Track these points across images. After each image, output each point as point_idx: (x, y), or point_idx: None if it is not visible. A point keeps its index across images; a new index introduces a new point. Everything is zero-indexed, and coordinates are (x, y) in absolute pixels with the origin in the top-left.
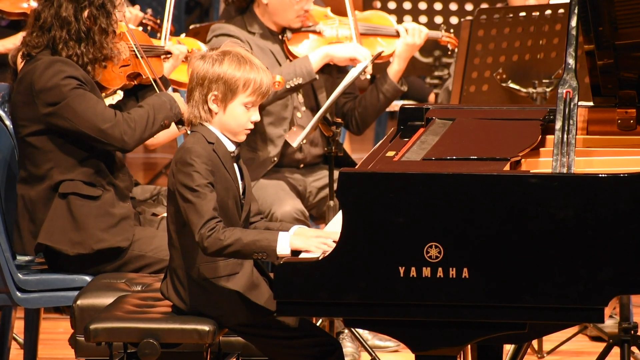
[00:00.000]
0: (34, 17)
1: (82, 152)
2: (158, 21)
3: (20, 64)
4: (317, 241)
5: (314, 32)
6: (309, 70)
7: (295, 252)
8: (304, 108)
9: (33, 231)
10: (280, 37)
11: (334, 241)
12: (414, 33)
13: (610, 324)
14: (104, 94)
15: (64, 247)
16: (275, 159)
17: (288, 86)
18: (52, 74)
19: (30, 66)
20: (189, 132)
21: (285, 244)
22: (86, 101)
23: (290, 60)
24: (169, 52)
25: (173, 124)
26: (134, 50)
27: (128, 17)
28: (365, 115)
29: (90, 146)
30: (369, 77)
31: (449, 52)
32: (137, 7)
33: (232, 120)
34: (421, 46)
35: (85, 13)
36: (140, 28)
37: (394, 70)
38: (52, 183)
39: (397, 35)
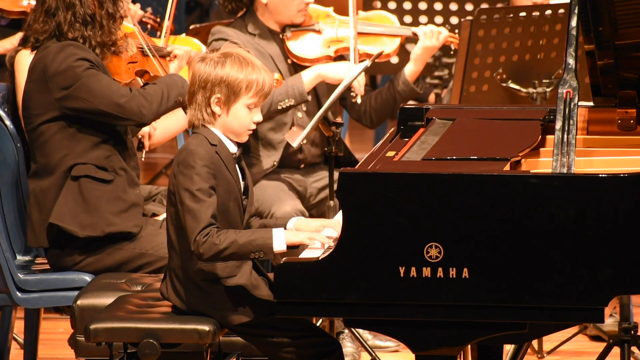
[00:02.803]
0: (40, 3)
1: (95, 137)
2: (158, 19)
3: (30, 54)
4: (310, 234)
5: (314, 30)
6: (300, 92)
7: (292, 247)
8: (305, 108)
9: (44, 222)
10: (280, 36)
11: (329, 238)
12: (432, 35)
13: (610, 322)
14: None
15: (74, 229)
16: (275, 163)
17: (279, 107)
18: (65, 57)
19: (42, 53)
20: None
21: (280, 239)
22: (100, 80)
23: (289, 60)
24: (172, 53)
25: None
26: (142, 48)
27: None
28: (381, 113)
29: (103, 130)
30: (359, 101)
31: (451, 52)
32: (138, 5)
33: (235, 122)
34: (439, 48)
35: None
36: (140, 26)
37: (411, 70)
38: (65, 168)
39: (410, 36)
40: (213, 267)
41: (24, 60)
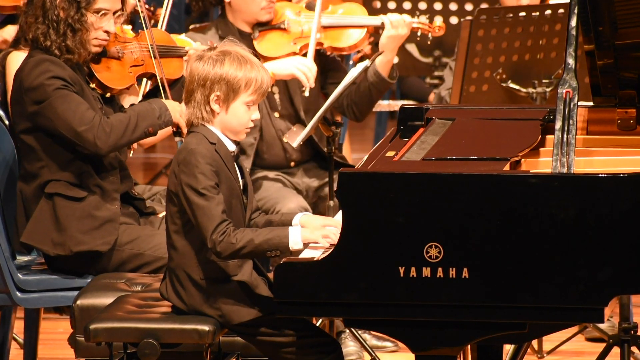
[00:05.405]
0: (33, 4)
1: (69, 153)
2: (152, 9)
3: (24, 52)
4: (324, 232)
5: (280, 29)
6: None
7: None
8: (280, 108)
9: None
10: (251, 37)
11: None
12: (397, 25)
13: (603, 326)
14: (108, 94)
15: (45, 247)
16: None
17: None
18: (39, 73)
19: (23, 63)
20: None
21: (297, 237)
22: (67, 102)
23: (261, 60)
24: (188, 54)
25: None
26: (149, 51)
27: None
28: (361, 105)
29: (75, 147)
30: (307, 93)
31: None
32: None
33: (234, 120)
34: (407, 35)
35: (58, 0)
36: (132, 16)
37: (381, 61)
38: (42, 182)
39: (378, 25)
40: (214, 267)
41: (16, 61)
